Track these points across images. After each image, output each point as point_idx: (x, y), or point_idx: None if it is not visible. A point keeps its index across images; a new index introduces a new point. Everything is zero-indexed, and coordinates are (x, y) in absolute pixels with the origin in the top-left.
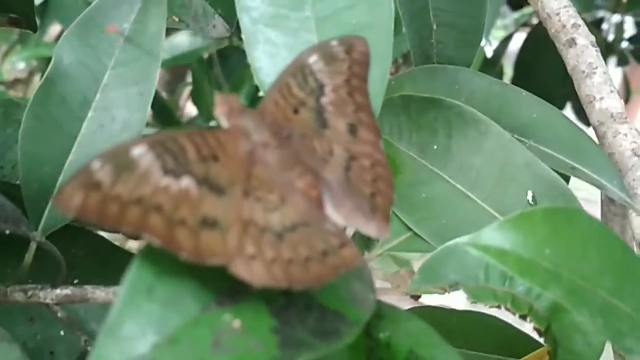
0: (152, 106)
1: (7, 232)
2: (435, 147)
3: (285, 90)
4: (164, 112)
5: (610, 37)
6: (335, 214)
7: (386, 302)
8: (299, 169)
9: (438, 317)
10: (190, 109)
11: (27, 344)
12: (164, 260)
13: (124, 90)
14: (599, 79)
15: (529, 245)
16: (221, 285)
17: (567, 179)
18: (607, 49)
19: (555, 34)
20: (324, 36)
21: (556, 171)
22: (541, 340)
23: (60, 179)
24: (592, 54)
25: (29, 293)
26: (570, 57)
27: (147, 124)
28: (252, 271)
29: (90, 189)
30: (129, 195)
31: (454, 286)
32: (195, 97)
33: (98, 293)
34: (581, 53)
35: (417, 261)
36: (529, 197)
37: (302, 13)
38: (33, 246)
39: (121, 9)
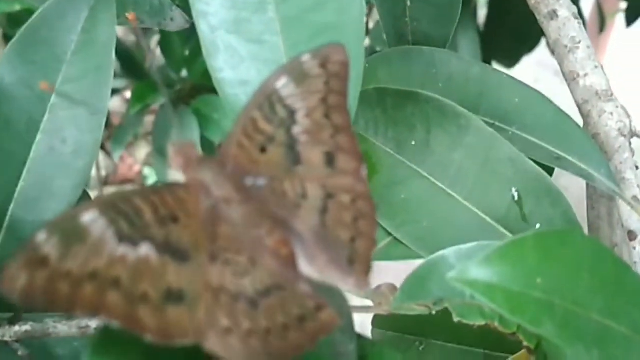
0: (119, 56)
1: None
2: (413, 142)
3: (250, 127)
4: (131, 63)
5: None
6: (310, 269)
7: (366, 337)
8: (267, 225)
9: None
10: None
11: None
12: (118, 348)
13: (74, 110)
14: (582, 54)
15: (519, 277)
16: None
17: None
18: None
19: (535, 5)
20: (290, 39)
21: (540, 164)
22: None
23: (11, 208)
24: (575, 27)
25: None
26: (552, 31)
27: (115, 75)
28: (228, 347)
29: (36, 267)
30: (81, 270)
31: (438, 303)
32: (163, 47)
33: (60, 327)
34: (563, 26)
35: None
36: (514, 193)
37: (266, 15)
38: None
39: (67, 20)
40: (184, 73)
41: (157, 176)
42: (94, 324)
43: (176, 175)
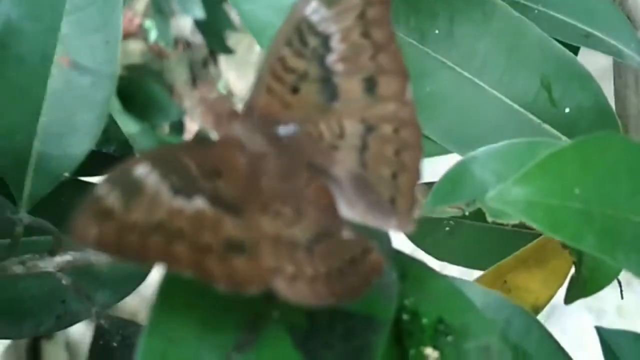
0: None
1: None
2: (436, 31)
3: (278, 68)
4: None
5: None
6: (351, 214)
7: (405, 254)
8: (305, 175)
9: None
10: None
11: (36, 296)
12: (175, 321)
13: (87, 38)
14: None
15: (557, 190)
16: (237, 329)
17: (576, 51)
18: None
19: None
20: None
21: (566, 45)
22: None
23: (35, 144)
24: None
25: (28, 264)
26: None
27: None
28: (298, 291)
29: (103, 218)
30: (145, 221)
31: (471, 204)
32: None
33: (102, 256)
34: None
35: None
36: (540, 78)
37: None
38: (21, 225)
39: None
40: None
41: (158, 30)
42: None
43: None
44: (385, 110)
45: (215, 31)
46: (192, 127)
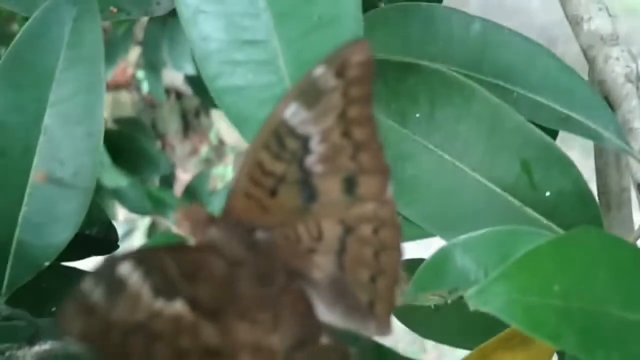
0: None
1: None
2: (417, 115)
3: (256, 172)
4: None
5: None
6: (330, 318)
7: (384, 347)
8: (281, 281)
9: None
10: None
11: None
12: None
13: (69, 130)
14: None
15: (536, 287)
16: None
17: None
18: None
19: None
20: (284, 37)
21: (545, 129)
22: None
23: (17, 233)
24: None
25: (7, 354)
26: None
27: None
28: None
29: (87, 314)
30: (126, 320)
31: (453, 292)
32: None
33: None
34: None
35: None
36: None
37: (257, 16)
38: None
39: (49, 37)
40: None
41: (149, 81)
42: None
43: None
44: (365, 210)
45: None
46: (183, 178)
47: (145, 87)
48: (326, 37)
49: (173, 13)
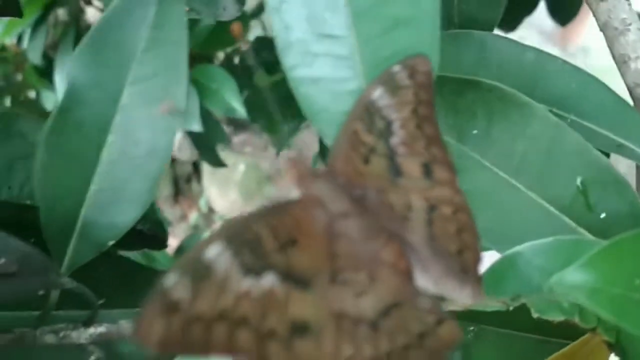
0: None
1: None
2: (474, 131)
3: (353, 139)
4: None
5: None
6: (424, 281)
7: None
8: (383, 237)
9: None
10: None
11: None
12: None
13: (147, 110)
14: (633, 37)
15: (619, 279)
16: None
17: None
18: None
19: None
20: (361, 34)
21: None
22: None
23: (82, 211)
24: (625, 9)
25: (61, 334)
26: (601, 12)
27: None
28: None
29: (170, 313)
30: (210, 311)
31: (516, 299)
32: None
33: None
34: (613, 8)
35: None
36: (579, 183)
37: (337, 10)
38: (57, 291)
39: (134, 17)
40: None
41: None
42: None
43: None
44: (443, 193)
45: (208, 144)
46: (172, 244)
47: None
48: (403, 37)
49: (189, 63)
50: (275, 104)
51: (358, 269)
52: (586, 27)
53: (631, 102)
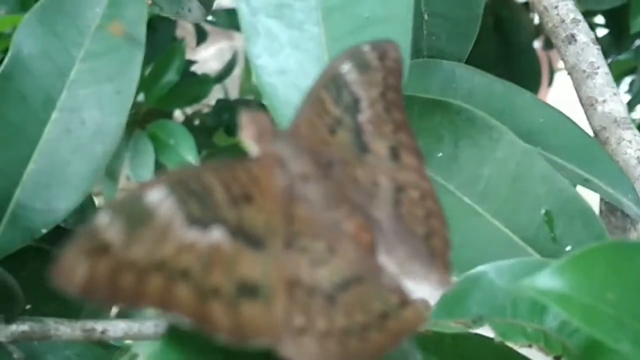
0: None
1: None
2: (440, 154)
3: (319, 106)
4: None
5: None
6: (388, 262)
7: None
8: (346, 207)
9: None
10: None
11: None
12: (194, 340)
13: (96, 88)
14: (601, 80)
15: (590, 290)
16: None
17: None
18: (536, 30)
19: (552, 29)
20: (331, 30)
21: None
22: None
23: (17, 193)
24: (594, 53)
25: None
26: (570, 55)
27: None
28: (303, 350)
29: (97, 256)
30: (146, 259)
31: (478, 321)
32: None
33: (62, 329)
34: (581, 51)
35: None
36: (543, 212)
37: (308, 3)
38: None
39: None
40: (141, 96)
41: (106, 192)
42: (99, 327)
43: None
44: (410, 177)
45: None
46: None
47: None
48: (374, 37)
49: (147, 117)
50: None
51: (317, 237)
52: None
53: None
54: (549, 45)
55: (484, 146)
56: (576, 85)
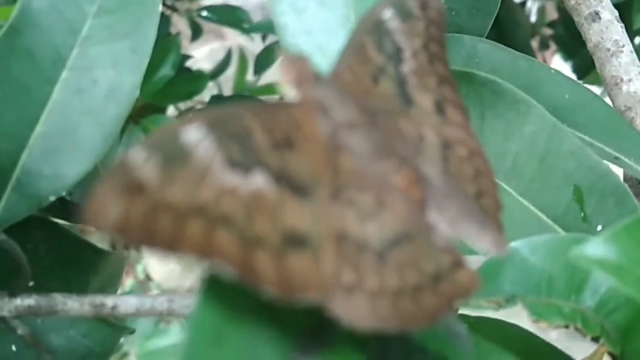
0: None
1: None
2: None
3: (362, 52)
4: None
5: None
6: (439, 221)
7: None
8: (395, 159)
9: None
10: None
11: None
12: (235, 294)
13: (110, 46)
14: (626, 59)
15: None
16: (304, 327)
17: None
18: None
19: (574, 6)
20: None
21: None
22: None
23: (23, 157)
24: (618, 30)
25: None
26: (593, 33)
27: None
28: (352, 309)
29: (131, 195)
30: (185, 202)
31: (510, 300)
32: None
33: (70, 304)
34: (605, 29)
35: None
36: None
37: None
38: None
39: None
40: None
41: None
42: (110, 302)
43: None
44: (457, 134)
45: None
46: None
47: None
48: None
49: (141, 112)
50: None
51: (364, 189)
52: None
53: None
54: (544, 45)
55: (511, 119)
56: (599, 64)
